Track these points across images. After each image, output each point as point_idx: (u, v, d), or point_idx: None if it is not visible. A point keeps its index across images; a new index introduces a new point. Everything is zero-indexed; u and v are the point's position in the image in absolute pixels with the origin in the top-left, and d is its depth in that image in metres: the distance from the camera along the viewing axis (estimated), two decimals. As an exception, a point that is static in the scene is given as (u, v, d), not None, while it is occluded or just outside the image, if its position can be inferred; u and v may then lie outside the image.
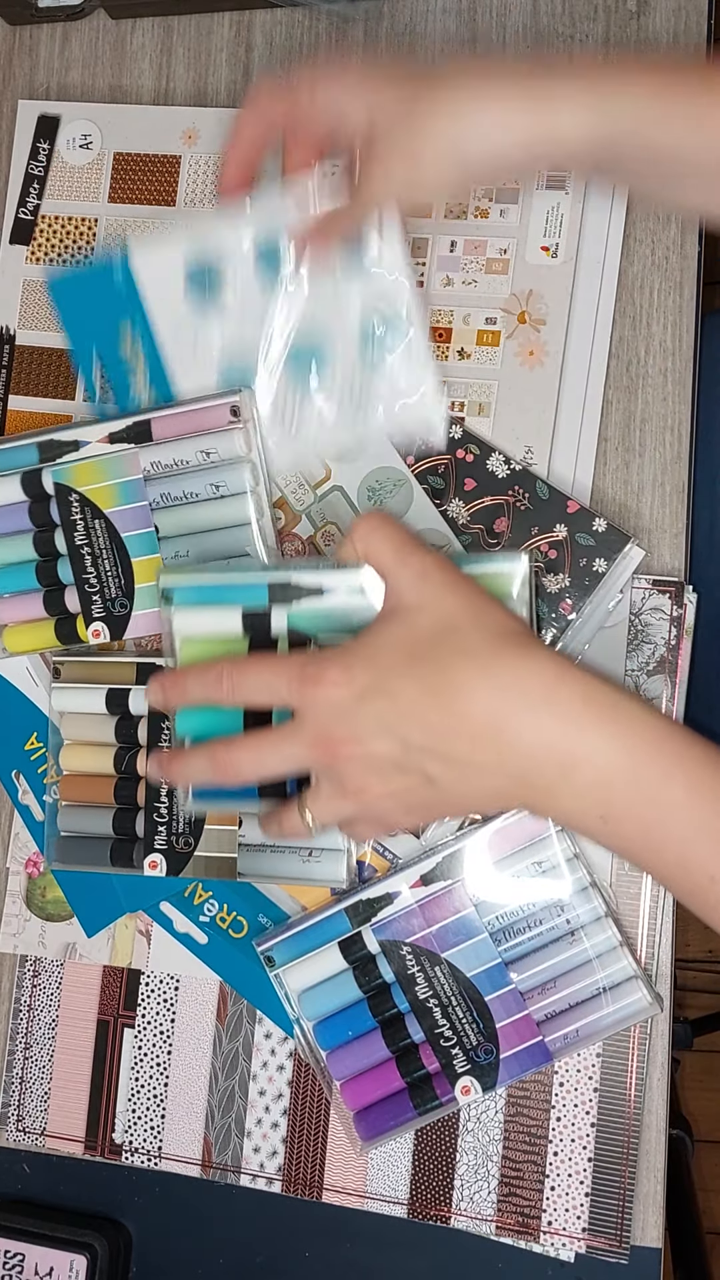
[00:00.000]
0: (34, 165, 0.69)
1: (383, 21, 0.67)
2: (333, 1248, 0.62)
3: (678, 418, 0.62)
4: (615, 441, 0.63)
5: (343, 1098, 0.59)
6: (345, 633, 0.53)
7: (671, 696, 0.60)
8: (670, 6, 0.64)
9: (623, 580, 0.60)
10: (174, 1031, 0.64)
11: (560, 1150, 0.59)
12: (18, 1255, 0.62)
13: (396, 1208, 0.61)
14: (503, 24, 0.65)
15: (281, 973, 0.60)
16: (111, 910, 0.64)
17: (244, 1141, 0.63)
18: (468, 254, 0.64)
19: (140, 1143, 0.64)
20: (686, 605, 0.60)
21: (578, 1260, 0.59)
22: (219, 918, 0.63)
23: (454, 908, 0.59)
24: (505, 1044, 0.58)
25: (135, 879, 0.62)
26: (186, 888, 0.63)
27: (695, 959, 1.36)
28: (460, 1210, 0.60)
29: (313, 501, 0.63)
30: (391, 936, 0.59)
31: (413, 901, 0.59)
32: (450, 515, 0.62)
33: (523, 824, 0.59)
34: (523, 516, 0.61)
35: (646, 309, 0.63)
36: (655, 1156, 0.59)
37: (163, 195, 0.68)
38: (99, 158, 0.69)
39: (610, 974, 0.58)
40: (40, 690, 0.65)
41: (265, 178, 0.59)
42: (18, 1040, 0.66)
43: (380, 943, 0.59)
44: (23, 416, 0.69)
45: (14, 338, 0.69)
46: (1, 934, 0.66)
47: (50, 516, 0.63)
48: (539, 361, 0.63)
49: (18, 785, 0.65)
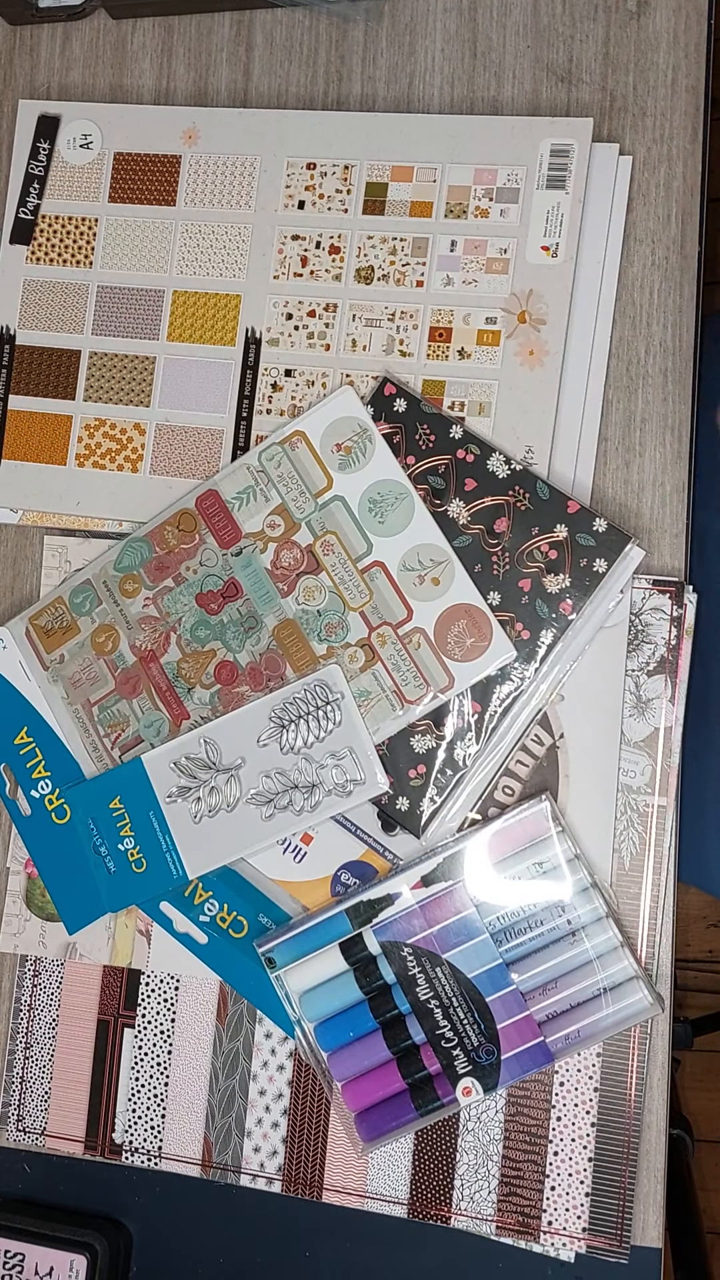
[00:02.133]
0: (34, 165, 0.69)
1: (383, 21, 0.67)
2: (333, 1248, 0.62)
3: (678, 418, 0.62)
4: (615, 441, 0.63)
5: (344, 1099, 0.59)
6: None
7: (671, 697, 0.60)
8: (670, 6, 0.64)
9: (623, 580, 0.60)
10: (174, 1031, 0.64)
11: (560, 1150, 0.59)
12: (18, 1255, 0.62)
13: (396, 1208, 0.61)
14: (503, 24, 0.65)
15: (283, 974, 0.60)
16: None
17: (244, 1141, 0.63)
18: (468, 254, 0.64)
19: (140, 1143, 0.64)
20: (686, 605, 0.60)
21: (578, 1260, 0.59)
22: (219, 918, 0.63)
23: (455, 909, 0.59)
24: (506, 1044, 0.58)
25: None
26: (187, 887, 0.63)
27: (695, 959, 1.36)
28: (460, 1210, 0.60)
29: (313, 510, 0.63)
30: (392, 938, 0.59)
31: (414, 903, 0.59)
32: (450, 515, 0.62)
33: (524, 824, 0.59)
34: (523, 517, 0.61)
35: (646, 309, 0.63)
36: (655, 1156, 0.59)
37: (163, 195, 0.68)
38: (99, 158, 0.69)
39: (611, 974, 0.58)
40: (32, 685, 0.65)
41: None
42: (18, 1040, 0.66)
43: (381, 944, 0.59)
44: (23, 416, 0.69)
45: (14, 338, 0.69)
46: (1, 934, 0.66)
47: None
48: (539, 361, 0.63)
49: (5, 779, 0.65)
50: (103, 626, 0.64)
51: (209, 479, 0.65)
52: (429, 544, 0.61)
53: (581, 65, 0.64)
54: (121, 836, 0.62)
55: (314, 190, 0.66)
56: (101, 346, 0.68)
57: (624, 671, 0.60)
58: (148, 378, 0.68)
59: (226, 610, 0.63)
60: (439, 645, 0.61)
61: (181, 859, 0.61)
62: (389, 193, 0.65)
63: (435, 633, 0.61)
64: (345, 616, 0.62)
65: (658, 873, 0.60)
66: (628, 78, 0.64)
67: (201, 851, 0.61)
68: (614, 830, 0.60)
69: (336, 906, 0.60)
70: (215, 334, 0.67)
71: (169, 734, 0.63)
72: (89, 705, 0.64)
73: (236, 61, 0.69)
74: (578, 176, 0.63)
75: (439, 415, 0.62)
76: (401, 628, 0.61)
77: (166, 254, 0.68)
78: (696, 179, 0.63)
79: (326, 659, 0.62)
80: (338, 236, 0.66)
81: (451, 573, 0.61)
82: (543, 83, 0.65)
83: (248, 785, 0.61)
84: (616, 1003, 0.58)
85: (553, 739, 0.61)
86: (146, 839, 0.62)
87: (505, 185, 0.64)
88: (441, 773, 0.61)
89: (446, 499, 0.62)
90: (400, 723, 0.61)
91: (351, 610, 0.62)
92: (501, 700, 0.60)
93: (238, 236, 0.67)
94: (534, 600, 0.60)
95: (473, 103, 0.66)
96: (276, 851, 0.62)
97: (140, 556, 0.65)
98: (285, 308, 0.66)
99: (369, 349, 0.65)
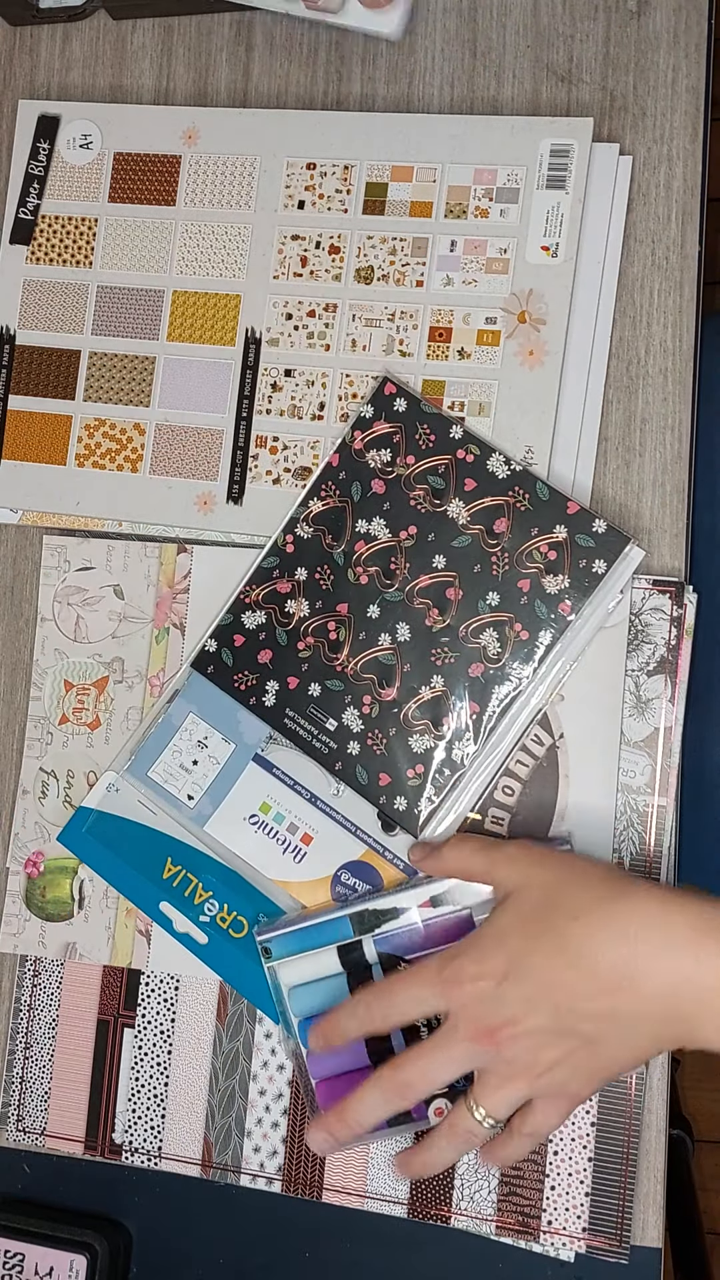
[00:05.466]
0: (34, 165, 0.69)
1: (383, 21, 0.67)
2: (333, 1248, 0.62)
3: (678, 418, 0.62)
4: (615, 441, 0.63)
5: (317, 1096, 0.59)
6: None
7: (671, 697, 0.60)
8: (670, 6, 0.64)
9: (623, 581, 0.60)
10: (174, 1031, 0.64)
11: (560, 1150, 0.59)
12: (18, 1255, 0.62)
13: (396, 1207, 0.61)
14: (503, 24, 0.65)
15: (277, 965, 0.60)
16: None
17: (244, 1141, 0.63)
18: (468, 253, 0.64)
19: (140, 1143, 0.64)
20: (686, 605, 0.60)
21: (578, 1260, 0.59)
22: (219, 917, 0.63)
23: (458, 933, 0.59)
24: None
25: (152, 885, 0.63)
26: (187, 888, 0.63)
27: (695, 959, 1.35)
28: (460, 1210, 0.60)
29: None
30: (391, 950, 0.59)
31: (418, 920, 0.59)
32: (450, 516, 0.62)
33: None
34: (523, 517, 0.61)
35: (646, 309, 0.63)
36: (655, 1156, 0.59)
37: (163, 195, 0.68)
38: (99, 158, 0.69)
39: None
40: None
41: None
42: (18, 1040, 0.66)
43: (379, 954, 0.59)
44: (22, 416, 0.69)
45: (14, 338, 0.69)
46: (1, 934, 0.66)
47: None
48: (539, 361, 0.63)
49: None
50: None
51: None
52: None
53: (581, 65, 0.64)
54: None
55: (314, 190, 0.66)
56: (101, 346, 0.68)
57: (624, 671, 0.60)
58: (147, 378, 0.68)
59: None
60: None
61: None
62: (389, 193, 0.65)
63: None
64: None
65: (658, 873, 0.60)
66: (628, 78, 0.64)
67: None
68: (614, 830, 0.60)
69: (342, 910, 0.60)
70: (215, 334, 0.67)
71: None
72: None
73: (236, 61, 0.69)
74: (578, 176, 0.63)
75: (439, 415, 0.62)
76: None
77: (166, 254, 0.68)
78: (696, 179, 0.63)
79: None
80: (338, 236, 0.66)
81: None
82: (543, 83, 0.65)
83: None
84: None
85: (553, 739, 0.61)
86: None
87: (505, 185, 0.64)
88: (439, 772, 0.61)
89: (446, 499, 0.62)
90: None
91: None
92: (500, 701, 0.60)
93: (238, 236, 0.67)
94: (533, 601, 0.60)
95: (473, 103, 0.66)
96: (276, 851, 0.62)
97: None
98: (285, 308, 0.66)
99: (369, 349, 0.65)
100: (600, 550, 0.60)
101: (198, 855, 0.63)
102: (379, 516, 0.63)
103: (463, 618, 0.61)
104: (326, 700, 0.62)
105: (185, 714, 0.64)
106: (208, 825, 0.63)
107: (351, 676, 0.62)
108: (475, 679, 0.61)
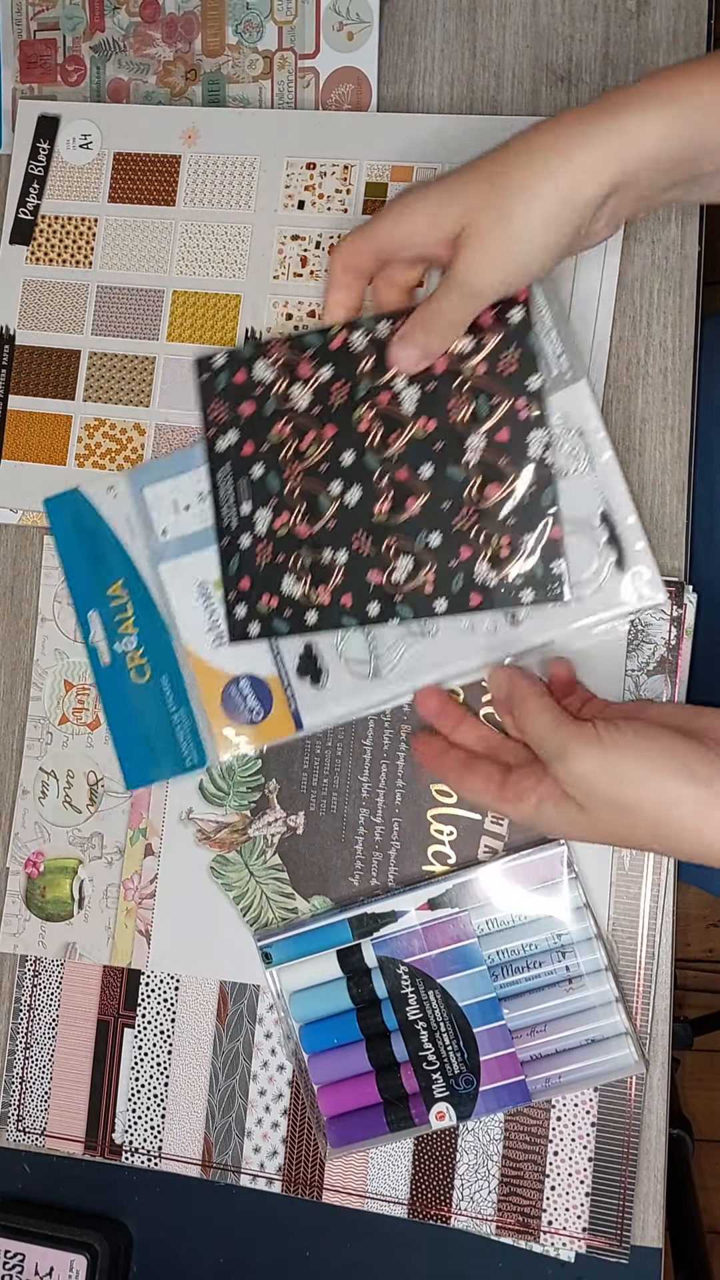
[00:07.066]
0: (34, 165, 0.69)
1: (383, 21, 0.67)
2: (333, 1248, 0.62)
3: (678, 418, 0.62)
4: (615, 441, 0.63)
5: (319, 1102, 0.60)
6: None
7: (671, 696, 0.60)
8: (670, 6, 0.64)
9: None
10: (174, 1031, 0.64)
11: (560, 1150, 0.59)
12: (18, 1255, 0.62)
13: (396, 1207, 0.61)
14: (503, 24, 0.65)
15: (276, 971, 0.60)
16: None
17: (244, 1141, 0.63)
18: (468, 254, 0.64)
19: (140, 1143, 0.64)
20: (686, 605, 0.60)
21: (578, 1260, 0.59)
22: (131, 655, 0.64)
23: (457, 936, 0.59)
24: (487, 1077, 0.58)
25: (93, 592, 0.64)
26: (119, 614, 0.64)
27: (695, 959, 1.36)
28: (460, 1210, 0.60)
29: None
30: (390, 954, 0.59)
31: (417, 923, 0.59)
32: (468, 443, 0.59)
33: (537, 865, 0.59)
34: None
35: (646, 309, 0.63)
36: (655, 1156, 0.59)
37: (163, 195, 0.68)
38: (99, 158, 0.69)
39: (601, 1027, 0.58)
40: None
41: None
42: (18, 1040, 0.66)
43: (379, 958, 0.59)
44: (22, 417, 0.69)
45: (14, 338, 0.69)
46: (1, 934, 0.66)
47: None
48: (539, 361, 0.63)
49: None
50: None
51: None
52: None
53: (581, 65, 0.64)
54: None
55: (314, 190, 0.66)
56: (101, 347, 0.68)
57: (624, 671, 0.60)
58: (148, 378, 0.68)
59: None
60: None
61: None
62: (389, 193, 0.65)
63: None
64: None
65: (657, 872, 0.60)
66: (628, 78, 0.64)
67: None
68: (614, 830, 0.60)
69: (340, 914, 0.60)
70: (215, 334, 0.67)
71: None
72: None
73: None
74: (577, 176, 0.63)
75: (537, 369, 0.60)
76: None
77: (166, 254, 0.68)
78: (696, 179, 0.63)
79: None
80: (338, 236, 0.66)
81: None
82: (542, 83, 0.65)
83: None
84: (602, 1055, 0.58)
85: (552, 739, 0.61)
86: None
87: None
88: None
89: (478, 425, 0.59)
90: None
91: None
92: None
93: (237, 236, 0.67)
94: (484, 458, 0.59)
95: (472, 103, 0.66)
96: (204, 626, 0.63)
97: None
98: (285, 308, 0.66)
99: (369, 349, 0.65)
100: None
101: (144, 594, 0.64)
102: (420, 387, 0.59)
103: (411, 529, 0.59)
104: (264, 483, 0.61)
105: (203, 463, 0.63)
106: (162, 565, 0.63)
107: (289, 494, 0.61)
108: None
